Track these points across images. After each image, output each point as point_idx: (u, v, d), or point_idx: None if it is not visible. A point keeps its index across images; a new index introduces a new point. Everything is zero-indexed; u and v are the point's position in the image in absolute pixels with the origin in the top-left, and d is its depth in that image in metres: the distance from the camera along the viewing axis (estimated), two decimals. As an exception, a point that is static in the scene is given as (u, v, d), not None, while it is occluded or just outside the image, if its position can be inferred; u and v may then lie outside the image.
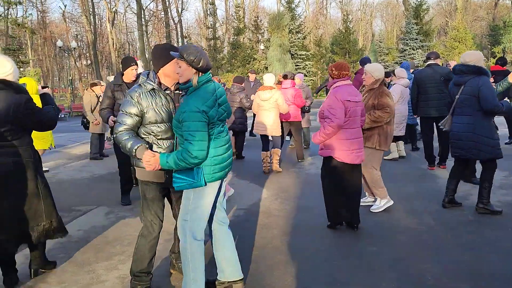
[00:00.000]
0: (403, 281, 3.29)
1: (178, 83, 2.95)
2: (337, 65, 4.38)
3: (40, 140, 8.00)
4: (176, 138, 2.94)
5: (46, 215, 3.40)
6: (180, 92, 3.03)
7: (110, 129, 9.18)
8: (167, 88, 3.01)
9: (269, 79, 7.55)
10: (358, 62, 8.45)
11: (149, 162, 2.77)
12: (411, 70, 9.44)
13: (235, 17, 40.06)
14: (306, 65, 33.98)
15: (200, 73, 2.79)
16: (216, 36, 39.39)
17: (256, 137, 11.40)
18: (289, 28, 32.29)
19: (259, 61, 34.79)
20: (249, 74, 12.03)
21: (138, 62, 6.84)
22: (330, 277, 3.39)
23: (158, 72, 2.98)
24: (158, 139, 2.98)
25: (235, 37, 37.97)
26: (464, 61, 4.80)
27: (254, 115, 7.83)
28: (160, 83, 3.00)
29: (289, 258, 3.79)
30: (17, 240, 3.32)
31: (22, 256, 3.79)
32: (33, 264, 3.54)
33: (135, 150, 2.85)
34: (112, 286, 3.34)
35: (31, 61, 39.70)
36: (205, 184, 2.80)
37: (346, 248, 3.98)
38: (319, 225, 4.60)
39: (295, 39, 34.46)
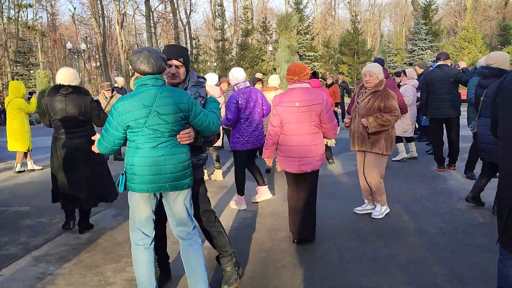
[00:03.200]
0: (415, 284, 3.23)
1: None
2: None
3: (19, 142, 8.14)
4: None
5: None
6: None
7: None
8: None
9: (273, 80, 7.81)
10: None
11: None
12: (421, 71, 9.34)
13: (243, 18, 40.04)
14: (314, 66, 33.88)
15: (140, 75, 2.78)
16: (225, 37, 39.41)
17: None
18: (297, 29, 32.16)
19: (267, 62, 34.73)
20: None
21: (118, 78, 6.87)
22: (341, 280, 3.34)
23: None
24: None
25: (244, 39, 37.94)
26: (488, 63, 4.78)
27: None
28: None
29: (298, 260, 3.74)
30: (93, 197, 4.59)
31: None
32: (81, 224, 4.71)
33: None
34: (120, 288, 3.32)
35: (41, 63, 40.03)
36: (122, 191, 2.82)
37: (357, 250, 3.93)
38: (329, 227, 4.55)
39: (304, 40, 34.36)
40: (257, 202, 5.66)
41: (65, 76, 4.52)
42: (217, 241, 3.28)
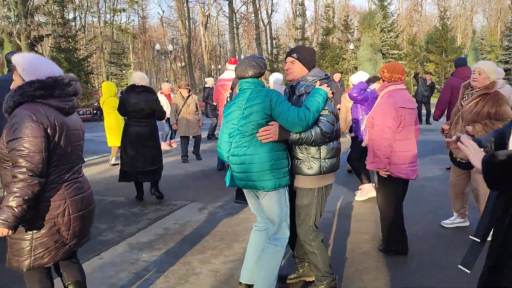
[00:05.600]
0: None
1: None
2: (390, 66, 3.86)
3: (116, 138, 8.77)
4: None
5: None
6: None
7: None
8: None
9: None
10: (454, 62, 7.82)
11: None
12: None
13: (325, 17, 39.68)
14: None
15: None
16: (305, 36, 39.36)
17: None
18: (380, 26, 31.22)
19: (348, 61, 34.12)
20: (333, 74, 11.70)
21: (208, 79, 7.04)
22: (422, 286, 3.25)
23: None
24: None
25: (324, 37, 37.61)
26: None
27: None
28: None
29: (380, 263, 3.69)
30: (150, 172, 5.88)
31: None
32: (155, 191, 5.99)
33: None
34: (206, 279, 3.51)
35: (132, 63, 42.81)
36: (228, 185, 3.14)
37: (439, 257, 3.78)
38: (413, 232, 4.41)
39: (387, 38, 33.23)
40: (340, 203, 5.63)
41: (138, 79, 5.96)
42: (310, 260, 3.15)
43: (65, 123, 2.35)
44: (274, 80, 6.31)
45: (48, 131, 2.24)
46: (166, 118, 10.25)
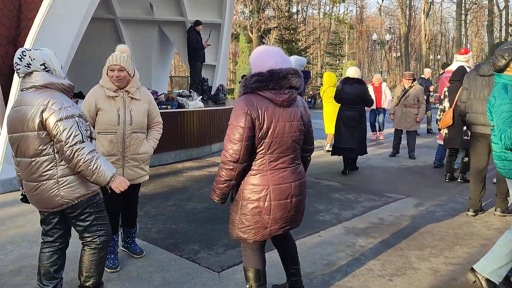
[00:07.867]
0: None
1: None
2: None
3: (333, 125, 8.94)
4: None
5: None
6: None
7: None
8: None
9: None
10: None
11: None
12: None
13: None
14: None
15: None
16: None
17: None
18: None
19: None
20: None
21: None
22: None
23: None
24: None
25: None
26: None
27: None
28: None
29: None
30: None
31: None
32: (352, 168, 7.36)
33: None
34: (425, 276, 3.41)
35: (346, 54, 43.44)
36: None
37: None
38: None
39: None
40: None
41: (352, 72, 7.13)
42: None
43: (276, 114, 2.45)
44: None
45: (256, 122, 2.40)
46: (371, 109, 11.13)
